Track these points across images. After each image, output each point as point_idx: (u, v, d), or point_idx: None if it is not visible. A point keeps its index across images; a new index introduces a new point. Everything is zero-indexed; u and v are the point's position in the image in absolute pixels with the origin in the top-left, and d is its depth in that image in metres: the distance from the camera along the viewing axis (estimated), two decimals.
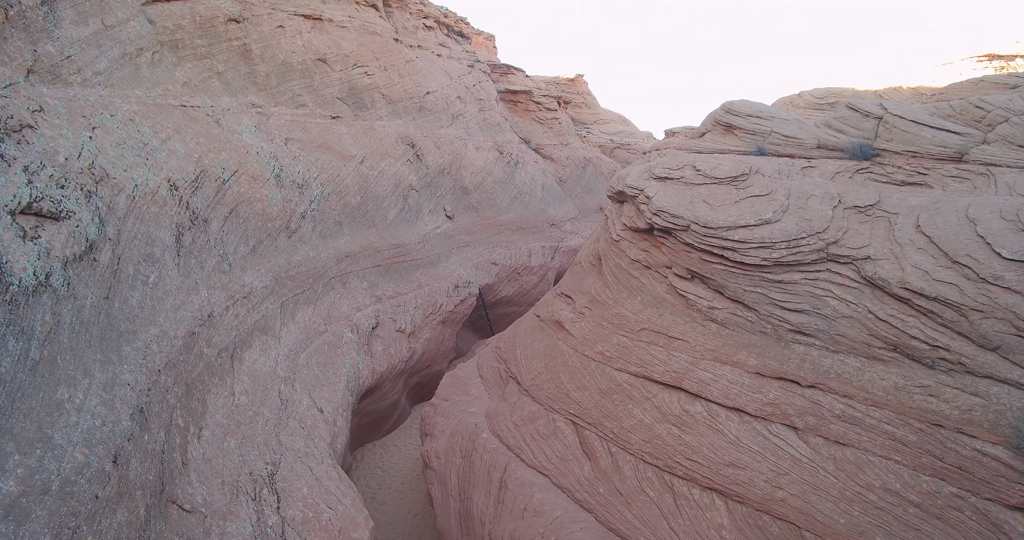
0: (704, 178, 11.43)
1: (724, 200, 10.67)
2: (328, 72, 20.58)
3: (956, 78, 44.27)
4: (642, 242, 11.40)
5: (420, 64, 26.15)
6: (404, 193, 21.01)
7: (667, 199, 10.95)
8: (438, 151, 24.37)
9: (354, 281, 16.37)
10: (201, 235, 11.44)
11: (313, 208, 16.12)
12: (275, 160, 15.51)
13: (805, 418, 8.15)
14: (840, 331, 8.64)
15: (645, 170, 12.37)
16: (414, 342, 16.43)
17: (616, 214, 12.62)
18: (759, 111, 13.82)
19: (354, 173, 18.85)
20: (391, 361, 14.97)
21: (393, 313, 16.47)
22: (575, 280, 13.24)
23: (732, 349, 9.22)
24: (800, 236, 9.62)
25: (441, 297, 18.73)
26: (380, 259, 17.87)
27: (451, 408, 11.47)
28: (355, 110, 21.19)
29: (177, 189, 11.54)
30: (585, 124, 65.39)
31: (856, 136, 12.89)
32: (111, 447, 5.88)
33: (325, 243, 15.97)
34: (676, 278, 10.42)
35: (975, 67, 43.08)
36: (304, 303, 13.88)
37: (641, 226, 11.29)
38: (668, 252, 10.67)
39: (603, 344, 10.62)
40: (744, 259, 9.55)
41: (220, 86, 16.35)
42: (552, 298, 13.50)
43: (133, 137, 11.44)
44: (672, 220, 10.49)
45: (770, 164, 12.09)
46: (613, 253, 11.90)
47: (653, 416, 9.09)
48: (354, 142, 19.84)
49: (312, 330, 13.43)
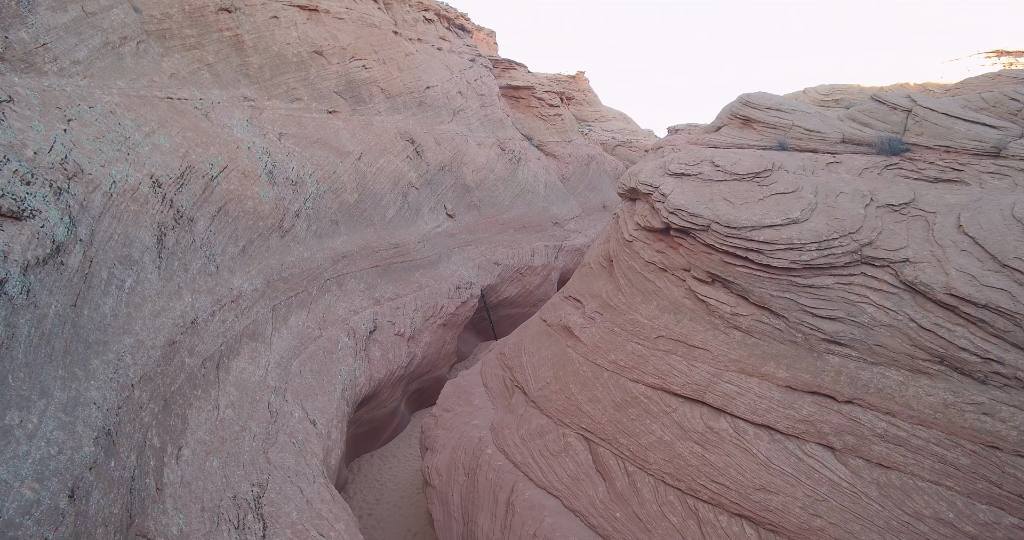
0: (724, 174, 10.69)
1: (747, 198, 9.94)
2: (324, 65, 19.82)
3: (964, 74, 43.67)
4: (657, 243, 10.66)
5: (420, 58, 25.39)
6: (403, 191, 20.27)
7: (684, 197, 10.22)
8: (439, 147, 23.62)
9: (351, 283, 15.63)
10: (186, 235, 10.70)
11: (308, 206, 15.39)
12: (268, 156, 14.77)
13: (843, 437, 7.42)
14: (879, 341, 7.91)
15: (659, 166, 11.63)
16: (414, 346, 15.70)
17: (628, 213, 11.88)
18: (778, 104, 13.07)
19: (351, 170, 18.11)
20: (390, 367, 14.24)
21: (392, 316, 15.74)
22: (584, 283, 12.50)
23: (759, 360, 8.49)
24: (831, 237, 8.89)
25: (442, 299, 18.00)
26: (378, 259, 17.13)
27: (453, 420, 10.75)
28: (352, 105, 20.43)
29: (160, 186, 10.80)
30: (586, 122, 64.66)
31: (883, 130, 12.15)
32: (68, 479, 5.15)
33: (320, 243, 15.23)
34: (695, 282, 9.69)
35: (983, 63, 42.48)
36: (298, 306, 13.15)
37: (656, 226, 10.56)
38: (686, 254, 9.94)
39: (616, 352, 9.89)
40: (770, 262, 8.82)
41: (210, 78, 15.59)
42: (559, 302, 12.77)
43: (113, 130, 10.70)
44: (690, 219, 9.76)
45: (793, 159, 11.35)
46: (626, 254, 11.17)
47: (673, 432, 8.36)
48: (351, 138, 19.09)
49: (306, 335, 12.71)
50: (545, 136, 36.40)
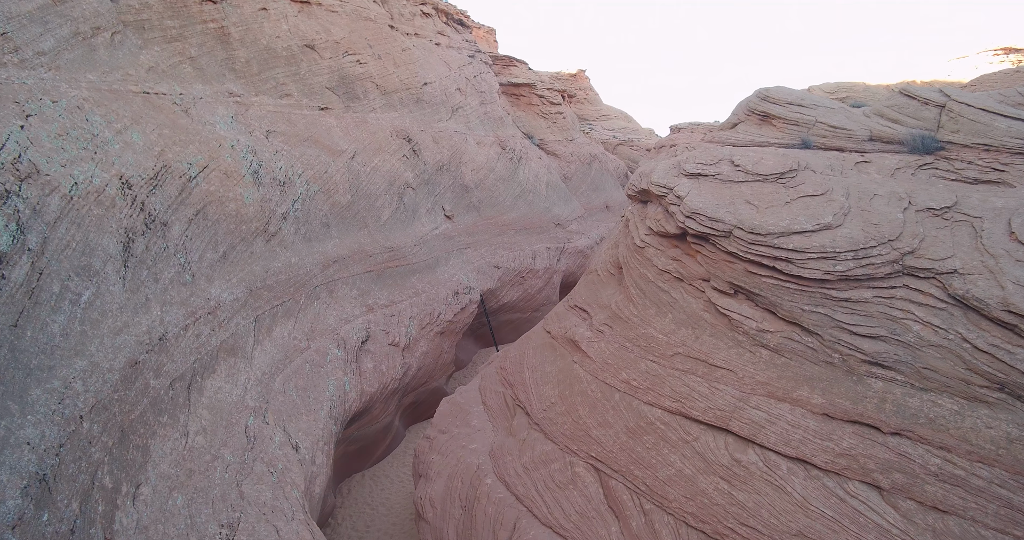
0: (745, 175, 9.79)
1: (772, 201, 9.05)
2: (316, 59, 18.91)
3: (973, 72, 42.87)
4: (672, 249, 9.77)
5: (417, 53, 24.48)
6: (399, 191, 19.37)
7: (702, 199, 9.32)
8: (436, 146, 22.72)
9: (342, 289, 14.74)
10: (158, 241, 9.81)
11: (297, 208, 14.49)
12: (253, 154, 13.87)
13: (891, 475, 6.53)
14: (928, 363, 7.02)
15: (673, 166, 10.73)
16: (409, 357, 14.81)
17: (639, 216, 10.98)
18: (800, 98, 12.16)
19: (344, 169, 17.21)
20: (383, 379, 13.36)
21: (386, 324, 14.85)
22: (591, 291, 11.61)
23: (790, 383, 7.60)
24: (869, 244, 7.99)
25: (439, 305, 17.11)
26: (372, 264, 16.24)
27: (449, 443, 9.86)
28: (346, 101, 19.52)
29: (131, 187, 9.92)
30: (587, 120, 63.85)
31: (915, 127, 11.25)
32: None
33: (310, 247, 14.34)
34: (716, 293, 8.79)
35: (991, 61, 41.76)
36: (283, 316, 12.26)
37: (671, 231, 9.66)
38: (705, 262, 9.04)
39: (628, 371, 8.99)
40: (801, 272, 7.93)
41: (192, 72, 14.69)
42: (564, 311, 11.87)
43: (79, 127, 9.82)
44: (710, 224, 8.86)
45: (819, 159, 10.45)
46: (637, 262, 10.27)
47: (695, 465, 7.47)
48: (344, 136, 18.19)
49: (291, 348, 11.81)
50: (546, 135, 35.50)
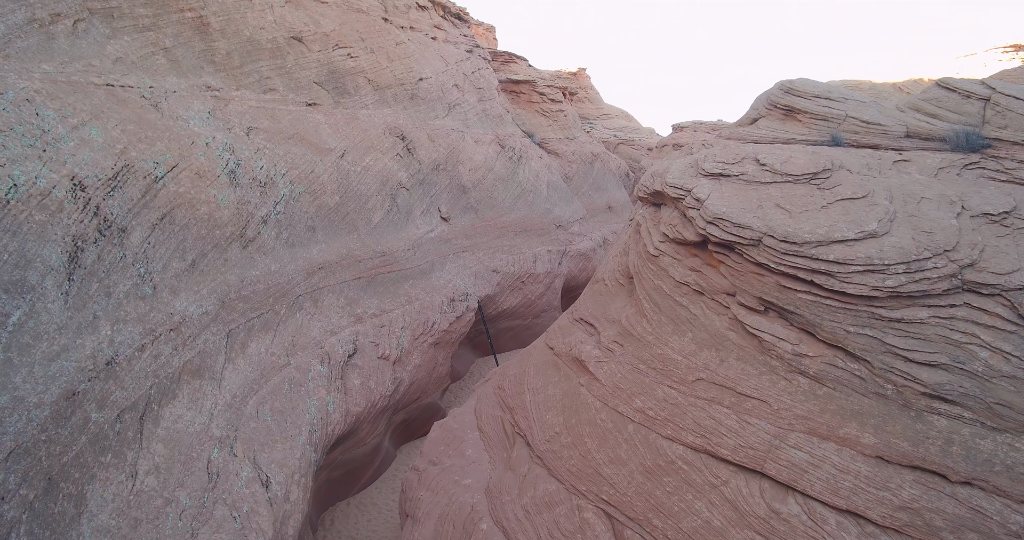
0: (773, 175, 8.73)
1: (806, 204, 7.98)
2: (304, 52, 17.83)
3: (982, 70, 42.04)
4: (691, 258, 8.69)
5: (412, 47, 23.40)
6: (392, 192, 18.29)
7: (726, 203, 8.25)
8: (432, 144, 21.65)
9: (328, 298, 13.67)
10: (113, 249, 8.74)
11: (279, 211, 13.42)
12: (231, 153, 12.80)
13: (964, 535, 5.46)
14: (1001, 398, 5.96)
15: (690, 165, 9.66)
16: (400, 371, 13.74)
17: (652, 221, 9.90)
18: (828, 91, 11.09)
19: (332, 169, 16.14)
20: (371, 397, 12.29)
21: (375, 336, 13.78)
22: (598, 303, 10.54)
23: (835, 418, 6.53)
24: (922, 255, 6.93)
25: (434, 314, 16.04)
26: (361, 270, 15.17)
27: (440, 477, 8.80)
28: (336, 97, 18.44)
29: (84, 189, 8.85)
30: (588, 119, 62.95)
31: (956, 122, 10.19)
32: None
33: (293, 253, 13.26)
34: (743, 310, 7.72)
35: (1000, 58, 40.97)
36: (260, 330, 11.19)
37: (690, 238, 8.59)
38: (730, 274, 7.97)
39: (643, 398, 7.92)
40: (845, 287, 6.86)
41: (167, 64, 13.61)
42: (569, 325, 10.80)
43: (26, 122, 8.76)
44: (736, 231, 7.80)
45: (853, 157, 9.38)
46: (651, 272, 9.20)
47: (725, 515, 6.40)
48: (334, 133, 17.11)
49: (269, 365, 10.75)
50: (547, 133, 34.42)
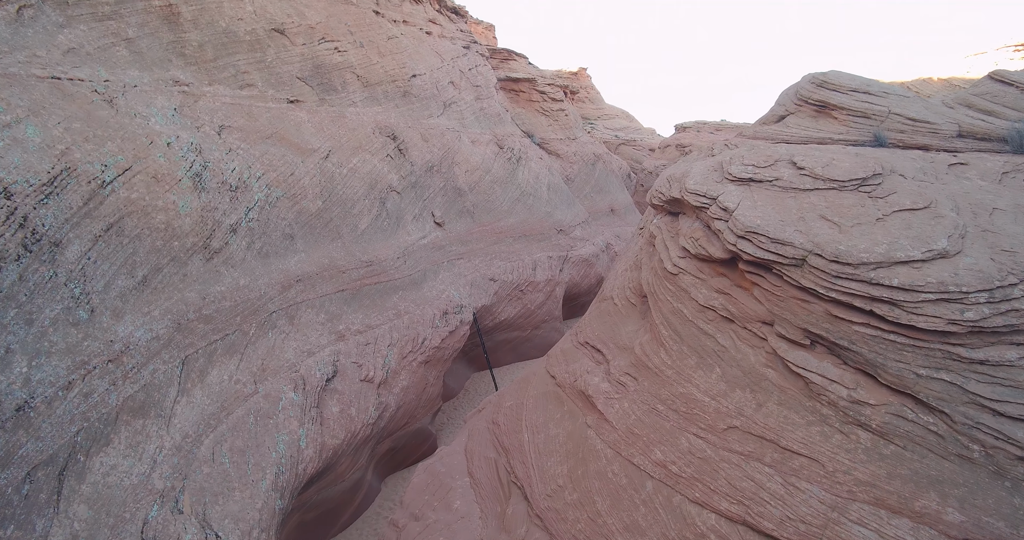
0: (814, 180, 7.45)
1: (857, 216, 6.70)
2: (286, 46, 16.56)
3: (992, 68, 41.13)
4: (717, 278, 7.42)
5: (405, 42, 22.14)
6: (382, 196, 17.02)
7: (760, 213, 6.97)
8: (426, 145, 20.37)
9: (307, 314, 12.39)
10: (41, 267, 7.47)
11: (251, 218, 12.14)
12: (196, 153, 11.52)
13: None
14: None
15: (713, 168, 8.38)
16: (386, 394, 12.46)
17: (668, 232, 8.62)
18: (866, 85, 9.81)
19: (315, 171, 14.87)
20: (351, 427, 11.01)
21: (359, 355, 12.50)
22: (606, 325, 9.26)
23: (908, 486, 5.25)
24: (1007, 281, 5.67)
25: (424, 328, 14.76)
26: (345, 282, 13.89)
27: (423, 537, 7.52)
28: (321, 93, 17.17)
29: (10, 197, 7.60)
30: (589, 119, 61.85)
31: (1017, 120, 8.89)
32: None
33: (267, 265, 11.98)
34: (783, 343, 6.44)
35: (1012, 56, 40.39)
36: (224, 354, 9.91)
37: (716, 255, 7.32)
38: (766, 299, 6.70)
39: (664, 448, 6.64)
40: (914, 320, 5.59)
41: (128, 56, 12.34)
42: (572, 349, 9.52)
43: None
44: (774, 248, 6.52)
45: (903, 160, 8.11)
46: (668, 293, 7.92)
47: None
48: (317, 132, 15.84)
49: (232, 395, 9.47)
50: (547, 133, 33.16)
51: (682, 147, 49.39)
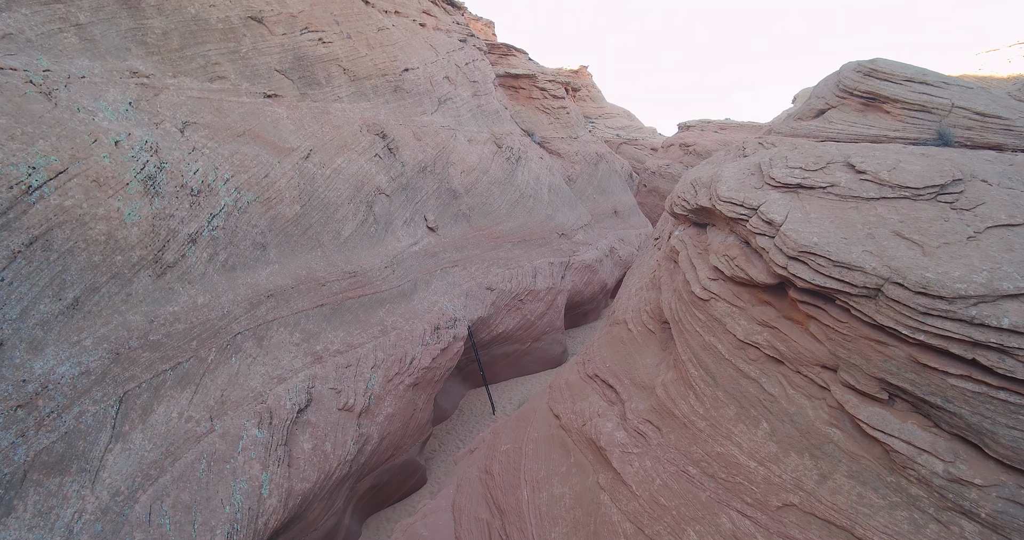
0: (879, 187, 6.07)
1: (941, 233, 5.33)
2: (264, 36, 15.18)
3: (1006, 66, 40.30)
4: (760, 307, 6.04)
5: (397, 34, 20.76)
6: (368, 199, 15.64)
7: (816, 228, 5.60)
8: (418, 144, 19.00)
9: (278, 334, 11.02)
10: None
11: (216, 225, 10.76)
12: (151, 153, 10.15)
13: None
14: None
15: (750, 171, 7.01)
16: (368, 424, 11.10)
17: (694, 247, 7.24)
18: (922, 74, 8.43)
19: (293, 172, 13.49)
20: (326, 466, 9.65)
21: (337, 379, 11.14)
22: (618, 355, 7.89)
23: None
24: None
25: (413, 346, 13.39)
26: (325, 295, 12.52)
27: None
28: (302, 87, 15.79)
29: None
30: (590, 118, 60.55)
31: None
32: None
33: (232, 279, 10.61)
34: (852, 396, 5.08)
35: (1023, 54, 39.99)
36: (174, 386, 8.54)
37: (759, 278, 5.95)
38: (827, 337, 5.33)
39: (699, 527, 5.28)
40: None
41: (78, 44, 10.97)
42: (578, 382, 8.16)
43: None
44: (839, 274, 5.16)
45: (980, 162, 6.73)
46: (698, 323, 6.55)
47: None
48: (297, 130, 14.47)
49: (181, 436, 8.10)
50: (548, 131, 31.78)
51: (686, 146, 48.02)
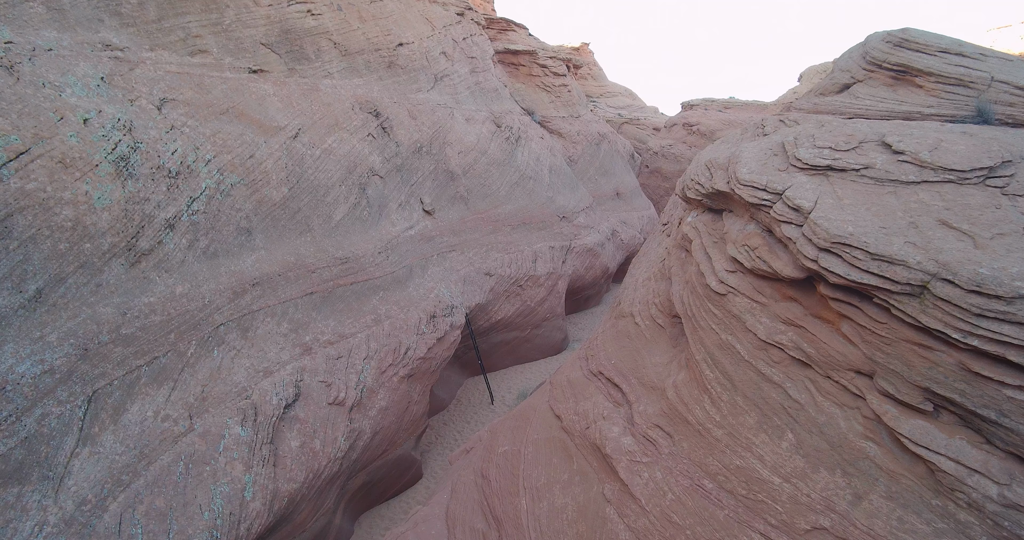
0: (919, 169, 5.43)
1: (994, 223, 4.71)
2: (249, 7, 14.34)
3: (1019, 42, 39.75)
4: (785, 303, 5.46)
5: (391, 6, 19.81)
6: (361, 181, 14.96)
7: (850, 216, 4.99)
8: (414, 123, 18.23)
9: (265, 324, 10.47)
10: None
11: (196, 210, 10.13)
12: (125, 132, 9.47)
13: None
14: None
15: (772, 151, 6.36)
16: (360, 419, 10.61)
17: (709, 236, 6.63)
18: (958, 45, 7.71)
19: (281, 152, 12.80)
20: (314, 464, 9.18)
21: (327, 372, 10.62)
22: (625, 351, 7.33)
23: None
24: None
25: (408, 336, 12.85)
26: (315, 283, 11.94)
27: None
28: (290, 62, 14.99)
29: None
30: (591, 97, 59.32)
31: None
32: None
33: (214, 267, 10.02)
34: (891, 406, 4.53)
35: None
36: (151, 382, 8.01)
37: (784, 272, 5.35)
38: (863, 339, 4.76)
39: None
40: None
41: (45, 14, 10.20)
42: (581, 379, 7.62)
43: None
44: (878, 268, 4.57)
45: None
46: (713, 319, 5.97)
47: None
48: (285, 107, 13.73)
49: (157, 436, 7.59)
50: (549, 110, 30.86)
51: (689, 126, 46.99)
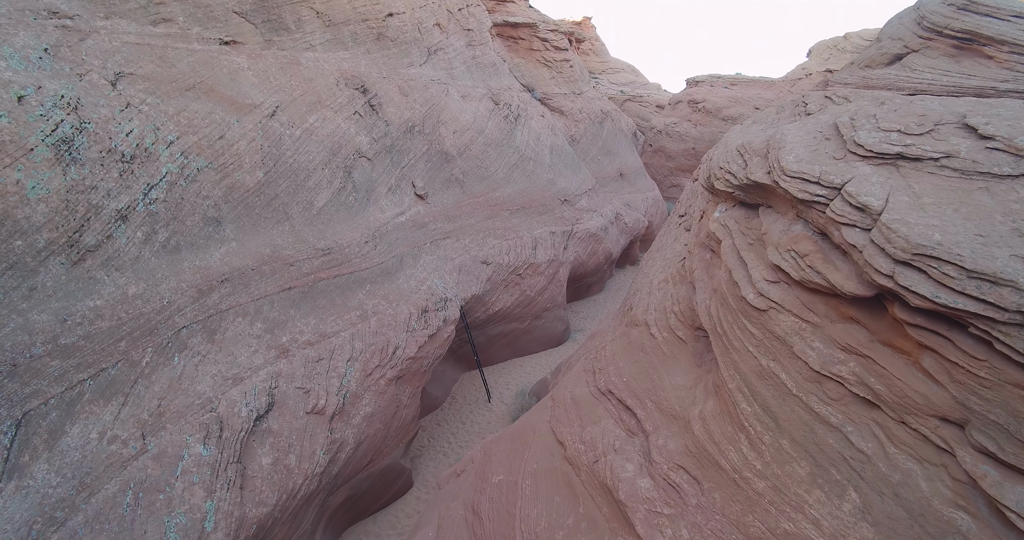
0: (1017, 160, 4.35)
1: None
2: None
3: None
4: (844, 325, 4.43)
5: None
6: (347, 163, 13.78)
7: (935, 219, 3.93)
8: (405, 100, 16.95)
9: (235, 325, 9.45)
10: None
11: (155, 198, 9.02)
12: (69, 111, 8.31)
13: None
14: None
15: (824, 134, 5.25)
16: (342, 429, 9.67)
17: (743, 236, 5.56)
18: None
19: (255, 133, 11.62)
20: (289, 483, 8.25)
21: (306, 377, 9.64)
22: (639, 367, 6.31)
23: None
24: None
25: (397, 333, 11.84)
26: (293, 277, 10.89)
27: None
28: (267, 33, 13.69)
29: None
30: (593, 74, 57.50)
31: None
32: None
33: (175, 263, 8.95)
34: (989, 466, 3.54)
35: None
36: (95, 398, 7.02)
37: (846, 287, 4.32)
38: (951, 377, 3.73)
39: None
40: None
41: None
42: (588, 398, 6.63)
43: None
44: (979, 291, 3.53)
45: None
46: (750, 340, 4.94)
47: None
48: (261, 83, 12.50)
49: (102, 461, 6.63)
50: (550, 87, 29.40)
51: (695, 103, 45.43)
